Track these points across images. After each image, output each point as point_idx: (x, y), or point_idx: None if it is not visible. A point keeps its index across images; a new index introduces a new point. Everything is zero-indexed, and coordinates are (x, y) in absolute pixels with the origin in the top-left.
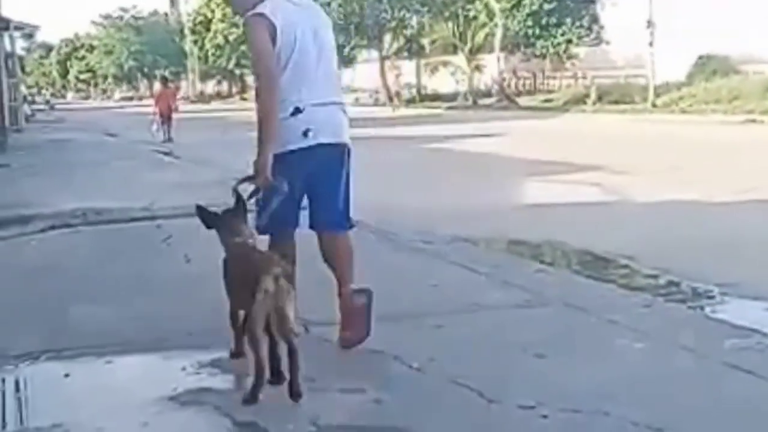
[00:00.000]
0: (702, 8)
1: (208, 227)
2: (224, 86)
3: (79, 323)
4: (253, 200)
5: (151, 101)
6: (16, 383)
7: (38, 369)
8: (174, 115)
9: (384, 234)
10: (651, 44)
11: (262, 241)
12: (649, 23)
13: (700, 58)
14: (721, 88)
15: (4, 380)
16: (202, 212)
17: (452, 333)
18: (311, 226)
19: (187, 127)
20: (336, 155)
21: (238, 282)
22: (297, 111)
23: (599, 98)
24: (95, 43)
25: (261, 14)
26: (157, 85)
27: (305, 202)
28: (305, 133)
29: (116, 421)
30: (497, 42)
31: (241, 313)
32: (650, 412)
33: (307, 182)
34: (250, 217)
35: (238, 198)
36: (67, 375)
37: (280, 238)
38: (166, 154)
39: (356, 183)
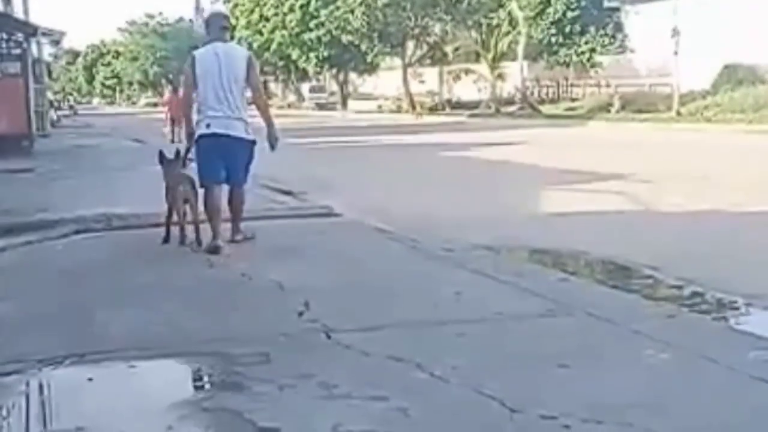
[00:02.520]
0: (728, 17)
1: (161, 163)
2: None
3: (103, 327)
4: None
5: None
6: (40, 387)
7: (62, 373)
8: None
9: (405, 241)
10: (676, 53)
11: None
12: (674, 32)
13: (726, 67)
14: (746, 97)
15: (28, 384)
16: (161, 155)
17: (474, 341)
18: (226, 182)
19: None
20: (229, 141)
21: (173, 189)
22: (205, 116)
23: (623, 107)
24: (121, 49)
25: (193, 55)
26: (167, 93)
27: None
28: (207, 126)
29: (139, 426)
30: (520, 50)
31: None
32: (674, 423)
33: (221, 155)
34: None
35: (178, 153)
36: (90, 379)
37: (210, 188)
38: (190, 160)
39: (376, 190)
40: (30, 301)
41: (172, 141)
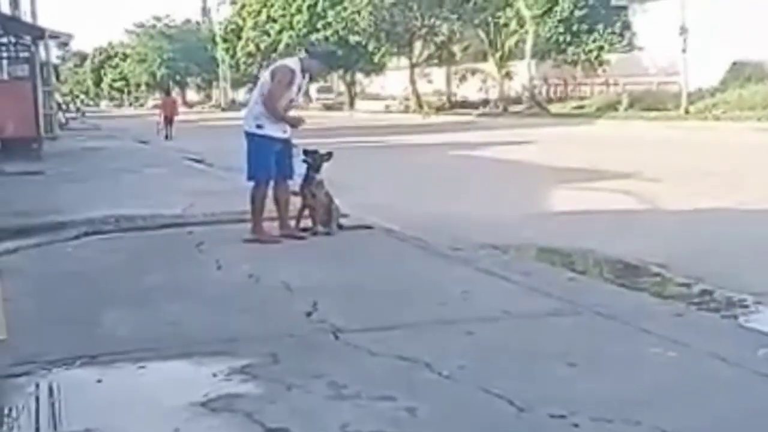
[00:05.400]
0: (736, 14)
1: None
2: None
3: (112, 329)
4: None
5: (183, 108)
6: (50, 388)
7: (72, 374)
8: (175, 120)
9: (413, 241)
10: (684, 51)
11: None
12: (682, 29)
13: (735, 64)
14: (755, 94)
15: (38, 385)
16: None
17: (483, 340)
18: None
19: (219, 135)
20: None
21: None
22: None
23: (631, 105)
24: (128, 51)
25: None
26: (167, 94)
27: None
28: None
29: (148, 427)
30: (528, 49)
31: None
32: (682, 421)
33: None
34: None
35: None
36: (100, 380)
37: None
38: (197, 161)
39: (384, 190)
40: (40, 302)
41: (166, 138)
